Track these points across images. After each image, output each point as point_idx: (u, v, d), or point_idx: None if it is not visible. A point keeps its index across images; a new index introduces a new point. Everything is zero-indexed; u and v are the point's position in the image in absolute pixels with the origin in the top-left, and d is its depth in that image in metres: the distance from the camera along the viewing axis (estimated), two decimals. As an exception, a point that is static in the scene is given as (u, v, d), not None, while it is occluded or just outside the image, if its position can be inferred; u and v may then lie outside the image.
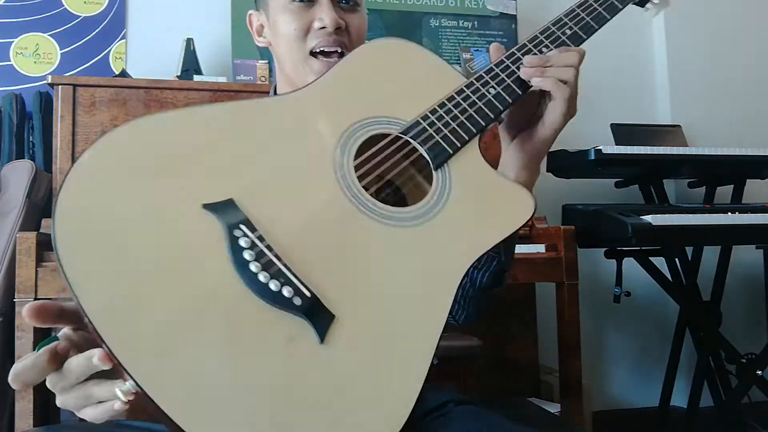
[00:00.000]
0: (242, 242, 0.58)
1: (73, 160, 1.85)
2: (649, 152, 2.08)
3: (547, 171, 2.30)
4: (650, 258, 2.14)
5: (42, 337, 1.62)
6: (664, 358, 2.42)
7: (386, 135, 0.73)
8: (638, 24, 2.80)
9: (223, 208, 0.60)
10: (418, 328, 0.61)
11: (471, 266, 0.67)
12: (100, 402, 0.59)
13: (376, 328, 0.60)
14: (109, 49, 2.30)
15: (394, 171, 0.74)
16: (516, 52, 0.82)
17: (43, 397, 1.62)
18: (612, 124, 2.40)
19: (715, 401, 2.32)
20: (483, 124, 0.77)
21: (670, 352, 2.39)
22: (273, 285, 0.57)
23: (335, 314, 0.58)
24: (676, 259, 2.27)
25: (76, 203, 0.57)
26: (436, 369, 0.91)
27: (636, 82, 2.77)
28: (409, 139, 0.73)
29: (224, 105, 0.69)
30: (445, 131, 0.74)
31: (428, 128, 0.74)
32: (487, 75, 0.80)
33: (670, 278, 2.24)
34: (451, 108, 0.76)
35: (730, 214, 1.91)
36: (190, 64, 2.13)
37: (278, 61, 1.00)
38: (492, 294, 0.92)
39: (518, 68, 0.80)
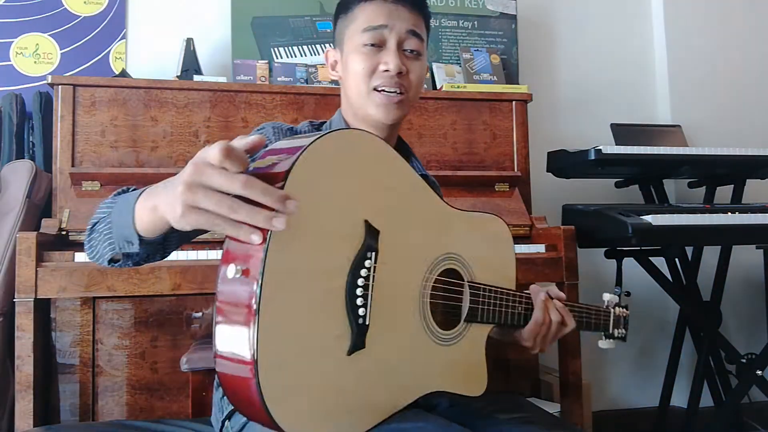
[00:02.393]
0: (366, 262, 0.79)
1: (73, 159, 1.85)
2: (649, 152, 2.08)
3: (547, 171, 2.30)
4: (650, 258, 2.14)
5: (42, 337, 1.62)
6: (664, 358, 2.42)
7: (457, 271, 0.98)
8: (638, 24, 2.80)
9: (372, 231, 0.80)
10: (387, 399, 0.84)
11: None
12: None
13: (382, 367, 0.82)
14: (109, 49, 2.30)
15: (445, 297, 0.97)
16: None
17: (44, 397, 1.62)
18: (612, 124, 2.40)
19: (715, 401, 2.32)
20: (498, 322, 1.03)
21: (670, 352, 2.39)
22: (359, 300, 0.78)
23: (366, 346, 0.79)
24: (676, 259, 2.27)
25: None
26: None
27: (636, 82, 2.77)
28: (469, 291, 0.98)
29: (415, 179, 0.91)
30: (485, 307, 1.00)
31: (482, 296, 1.00)
32: (521, 298, 1.07)
33: (670, 278, 2.24)
34: (498, 297, 1.02)
35: (730, 214, 1.91)
36: (190, 64, 2.12)
37: (345, 93, 1.14)
38: None
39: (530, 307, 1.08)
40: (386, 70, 1.06)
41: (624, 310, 1.30)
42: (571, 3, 2.74)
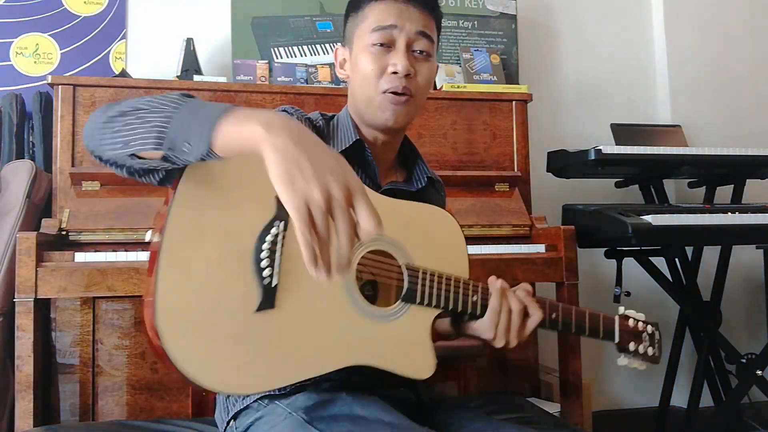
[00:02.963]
0: (273, 230, 0.86)
1: (73, 159, 1.85)
2: (649, 152, 2.08)
3: (547, 171, 2.30)
4: (650, 258, 2.14)
5: (42, 337, 1.62)
6: (664, 358, 2.42)
7: (390, 253, 0.99)
8: (638, 24, 2.80)
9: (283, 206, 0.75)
10: (305, 362, 0.88)
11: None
12: None
13: (288, 337, 0.87)
14: (109, 49, 2.30)
15: (382, 277, 1.00)
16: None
17: (44, 397, 1.62)
18: (612, 124, 2.40)
19: (715, 401, 2.33)
20: (445, 307, 1.00)
21: (670, 352, 2.39)
22: (264, 262, 0.85)
23: (276, 306, 0.86)
24: (676, 259, 2.27)
25: None
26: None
27: (636, 82, 2.77)
28: (405, 273, 0.98)
29: None
30: (426, 290, 0.99)
31: (421, 279, 0.99)
32: (476, 287, 1.03)
33: (670, 278, 2.24)
34: (444, 282, 1.00)
35: (730, 214, 1.91)
36: (190, 64, 2.12)
37: (352, 92, 1.13)
38: None
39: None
40: (394, 72, 1.05)
41: (651, 326, 1.17)
42: (571, 3, 2.74)
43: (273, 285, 0.85)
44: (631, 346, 1.13)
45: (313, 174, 0.68)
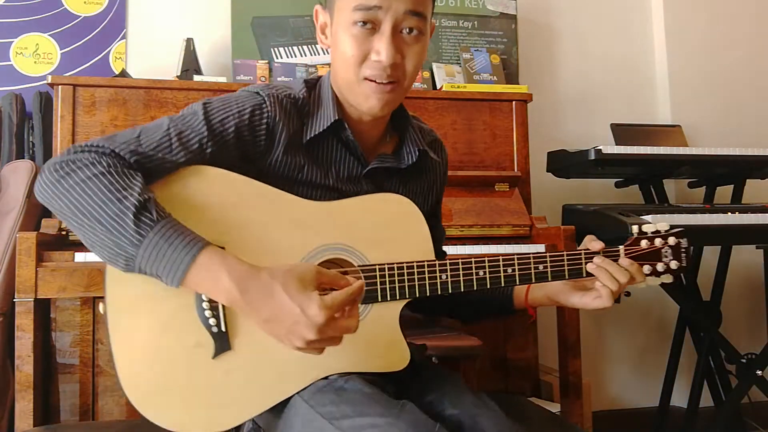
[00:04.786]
0: None
1: (73, 160, 1.85)
2: (649, 152, 2.08)
3: (547, 171, 2.30)
4: (650, 258, 2.14)
5: (42, 337, 1.62)
6: (664, 358, 2.42)
7: (343, 259, 0.98)
8: (638, 24, 2.80)
9: None
10: (275, 388, 0.92)
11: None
12: None
13: (252, 372, 0.91)
14: (109, 49, 2.30)
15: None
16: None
17: (44, 397, 1.62)
18: (612, 124, 2.40)
19: (715, 401, 2.33)
20: (412, 296, 0.98)
21: (670, 352, 2.39)
22: (207, 312, 0.89)
23: (233, 348, 0.90)
24: (676, 259, 2.27)
25: None
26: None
27: (636, 82, 2.77)
28: (363, 274, 0.96)
29: (262, 186, 0.95)
30: (386, 286, 0.97)
31: (379, 276, 0.97)
32: (443, 266, 1.00)
33: (670, 278, 2.24)
34: (406, 272, 0.98)
35: (730, 214, 1.91)
36: (190, 64, 2.12)
37: (333, 69, 1.03)
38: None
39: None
40: (378, 60, 0.94)
41: (673, 237, 1.08)
42: (571, 3, 2.74)
43: (223, 330, 0.90)
44: (646, 269, 1.06)
45: (286, 334, 0.82)
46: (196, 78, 2.05)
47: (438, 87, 2.33)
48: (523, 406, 1.12)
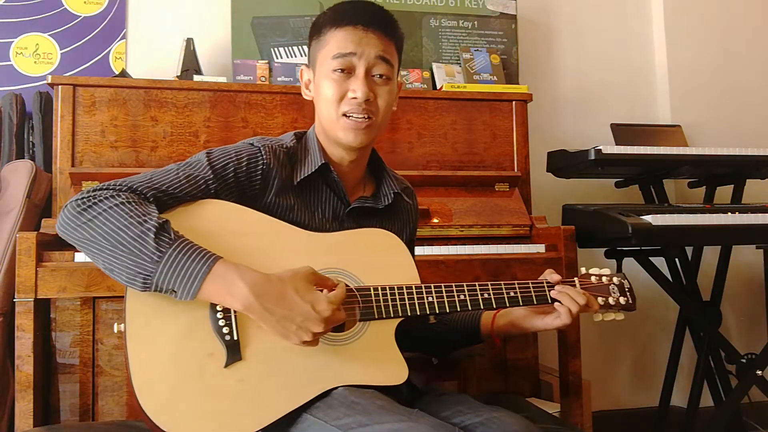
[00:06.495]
0: None
1: (73, 159, 1.85)
2: (649, 152, 2.08)
3: (547, 171, 2.30)
4: (650, 258, 2.14)
5: (42, 337, 1.62)
6: (664, 358, 2.42)
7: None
8: (638, 24, 2.80)
9: None
10: (283, 397, 0.98)
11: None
12: None
13: (261, 381, 0.97)
14: (109, 49, 2.30)
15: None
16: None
17: (44, 398, 1.62)
18: (612, 124, 2.40)
19: (715, 401, 2.32)
20: (404, 314, 1.09)
21: (670, 352, 2.39)
22: (221, 321, 0.98)
23: (243, 358, 0.97)
24: (676, 259, 2.27)
25: None
26: (437, 369, 1.02)
27: (636, 82, 2.77)
28: (359, 294, 1.07)
29: (264, 217, 1.08)
30: (380, 305, 1.08)
31: (374, 296, 1.08)
32: (428, 289, 1.13)
33: (670, 278, 2.24)
34: (397, 293, 1.09)
35: (730, 214, 1.91)
36: (190, 64, 2.12)
37: (317, 114, 1.20)
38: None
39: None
40: (354, 98, 1.11)
41: (617, 277, 1.24)
42: (571, 3, 2.74)
43: (235, 339, 0.97)
44: (600, 300, 1.19)
45: (296, 330, 0.94)
46: (196, 78, 2.05)
47: (438, 87, 2.33)
48: (523, 406, 1.12)
